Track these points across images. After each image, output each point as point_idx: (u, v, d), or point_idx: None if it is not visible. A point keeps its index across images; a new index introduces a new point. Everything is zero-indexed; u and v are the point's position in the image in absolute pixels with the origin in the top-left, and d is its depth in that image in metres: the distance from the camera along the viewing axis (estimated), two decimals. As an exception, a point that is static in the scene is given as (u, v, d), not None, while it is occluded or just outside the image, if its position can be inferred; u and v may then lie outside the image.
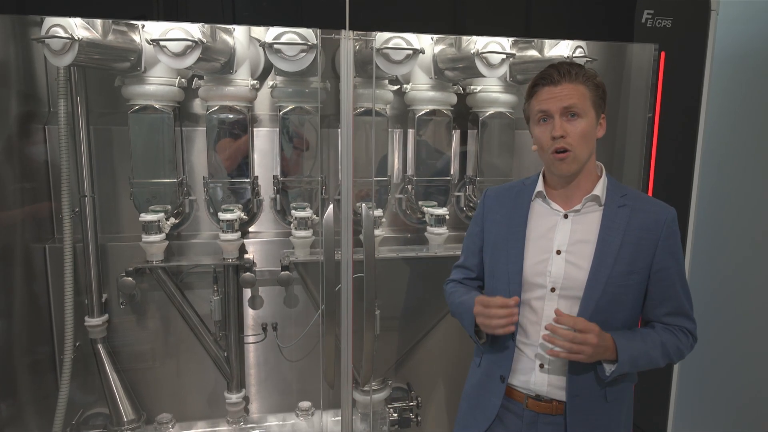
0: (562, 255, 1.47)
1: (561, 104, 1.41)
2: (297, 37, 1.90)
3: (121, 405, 2.24)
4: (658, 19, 1.94)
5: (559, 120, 1.41)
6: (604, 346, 1.39)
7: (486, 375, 1.59)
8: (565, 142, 1.41)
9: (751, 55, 2.50)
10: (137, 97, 2.09)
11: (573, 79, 1.42)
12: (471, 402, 1.64)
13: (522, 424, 1.52)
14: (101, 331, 2.23)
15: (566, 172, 1.45)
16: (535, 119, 1.47)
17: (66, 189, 2.08)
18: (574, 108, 1.41)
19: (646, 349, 1.45)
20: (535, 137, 1.49)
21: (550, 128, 1.43)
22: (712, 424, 2.72)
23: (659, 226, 1.46)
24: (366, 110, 2.19)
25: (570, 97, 1.41)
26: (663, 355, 1.47)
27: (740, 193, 2.59)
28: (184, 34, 1.78)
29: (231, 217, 2.17)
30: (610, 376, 1.43)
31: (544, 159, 1.49)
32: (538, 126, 1.46)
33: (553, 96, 1.42)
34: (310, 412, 2.40)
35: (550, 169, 1.50)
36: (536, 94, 1.46)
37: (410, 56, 1.96)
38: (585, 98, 1.42)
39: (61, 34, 1.69)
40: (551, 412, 1.49)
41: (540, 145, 1.47)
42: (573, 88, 1.41)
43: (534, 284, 1.49)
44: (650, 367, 1.47)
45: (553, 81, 1.42)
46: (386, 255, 2.30)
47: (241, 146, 2.24)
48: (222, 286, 2.28)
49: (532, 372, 1.50)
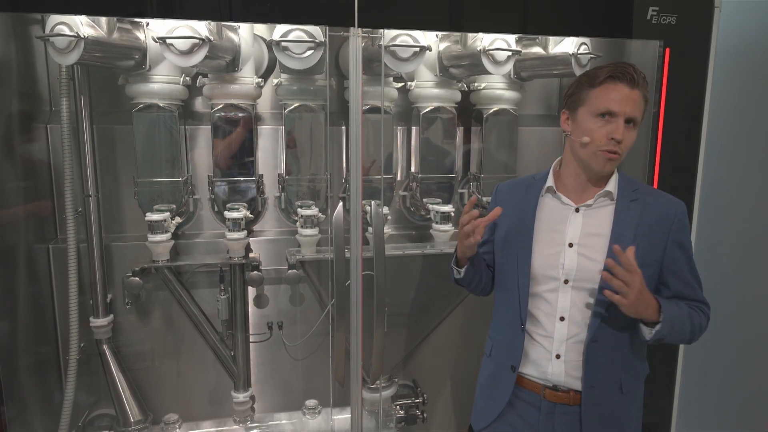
0: (575, 248, 1.49)
1: (633, 110, 1.41)
2: (304, 35, 1.89)
3: (127, 405, 2.22)
4: (663, 15, 1.95)
5: (624, 125, 1.41)
6: (646, 300, 1.39)
7: (497, 365, 1.63)
8: (619, 146, 1.42)
9: (751, 48, 2.52)
10: (141, 96, 2.07)
11: (641, 88, 1.43)
12: (485, 393, 1.67)
13: (539, 415, 1.54)
14: (106, 331, 2.21)
15: (609, 170, 1.49)
16: (594, 111, 1.43)
17: (69, 189, 2.06)
18: (637, 117, 1.42)
19: (682, 316, 1.47)
20: (587, 130, 1.44)
21: (610, 128, 1.41)
22: (715, 423, 2.74)
23: (670, 220, 1.49)
24: (371, 108, 2.19)
25: (640, 105, 1.43)
26: (691, 327, 1.49)
27: (745, 187, 2.60)
28: (190, 32, 1.77)
29: (237, 215, 2.16)
30: (653, 338, 1.43)
31: (587, 152, 1.46)
32: (596, 120, 1.43)
33: (627, 98, 1.41)
34: (316, 410, 2.40)
35: (589, 164, 1.48)
36: (606, 86, 1.42)
37: (417, 53, 1.96)
38: (642, 111, 1.45)
39: (67, 32, 1.67)
40: (568, 403, 1.51)
41: (594, 139, 1.43)
42: (641, 97, 1.43)
43: (547, 276, 1.51)
44: (680, 338, 1.49)
45: (633, 82, 1.41)
46: (392, 252, 2.30)
47: (246, 144, 2.23)
48: (228, 285, 2.27)
49: (549, 362, 1.52)
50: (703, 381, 2.78)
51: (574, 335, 1.50)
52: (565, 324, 1.51)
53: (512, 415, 1.59)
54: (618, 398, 1.52)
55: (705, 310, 1.54)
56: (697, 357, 2.53)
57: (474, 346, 2.20)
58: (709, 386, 2.77)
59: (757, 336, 2.52)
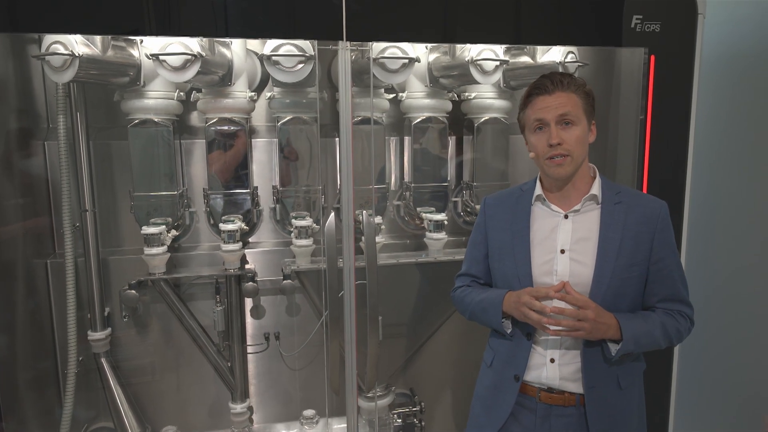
0: (567, 254, 1.52)
1: (556, 112, 1.47)
2: (295, 49, 1.93)
3: (125, 418, 2.24)
4: (647, 23, 1.98)
5: (555, 128, 1.47)
6: (606, 324, 1.45)
7: (499, 375, 1.63)
8: (562, 148, 1.47)
9: (738, 56, 2.55)
10: (136, 111, 2.11)
11: (565, 89, 1.48)
12: (485, 403, 1.66)
13: (535, 418, 1.56)
14: (104, 345, 2.23)
15: (563, 175, 1.51)
16: (531, 128, 1.53)
17: (66, 204, 2.09)
18: (568, 116, 1.47)
19: (648, 329, 1.50)
20: (531, 145, 1.55)
21: (546, 136, 1.49)
22: (711, 424, 2.74)
23: (655, 219, 1.53)
24: (363, 119, 2.22)
25: (564, 106, 1.47)
26: (664, 336, 1.52)
27: (732, 192, 2.63)
28: (183, 48, 1.81)
29: (232, 227, 2.19)
30: (617, 355, 1.48)
31: (541, 165, 1.55)
32: (534, 134, 1.52)
33: (547, 105, 1.48)
34: (314, 420, 2.41)
35: (546, 174, 1.55)
36: (531, 103, 1.52)
37: (406, 65, 1.99)
38: (578, 106, 1.49)
39: (62, 50, 1.71)
40: (564, 404, 1.53)
41: (536, 152, 1.53)
42: (566, 96, 1.48)
43: (542, 284, 1.54)
44: (653, 347, 1.53)
45: (547, 90, 1.48)
46: (386, 261, 2.32)
47: (240, 157, 2.26)
48: (224, 296, 2.29)
49: (544, 367, 1.55)
50: (699, 383, 2.78)
51: (568, 339, 1.52)
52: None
53: (513, 424, 1.60)
54: (617, 394, 1.54)
55: (686, 313, 1.56)
56: (692, 359, 2.53)
57: (472, 354, 2.21)
58: (704, 388, 2.78)
59: (751, 338, 2.52)
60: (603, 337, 1.47)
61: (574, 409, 1.53)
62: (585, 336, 1.45)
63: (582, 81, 1.52)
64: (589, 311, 1.43)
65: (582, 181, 1.56)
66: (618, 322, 1.47)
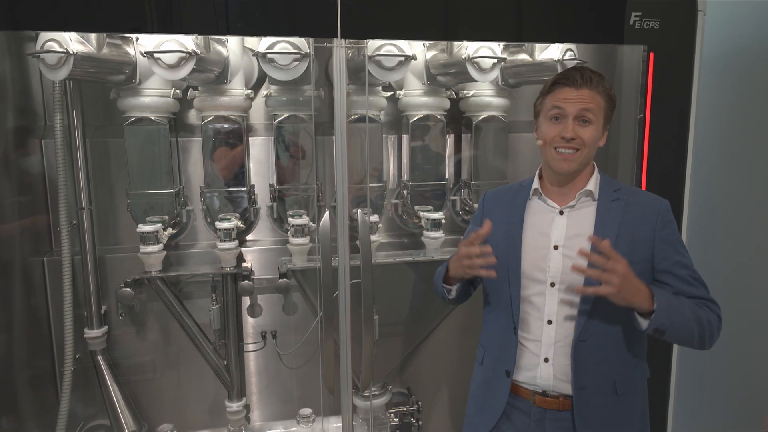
0: (560, 250, 1.50)
1: (579, 107, 1.44)
2: (290, 47, 1.92)
3: (122, 416, 2.24)
4: (646, 20, 1.96)
5: (572, 122, 1.45)
6: (635, 286, 1.37)
7: (491, 371, 1.61)
8: (575, 143, 1.45)
9: (738, 55, 2.53)
10: (133, 109, 2.10)
11: (593, 87, 1.46)
12: (478, 402, 1.65)
13: (530, 422, 1.53)
14: (101, 342, 2.23)
15: (567, 170, 1.49)
16: (547, 115, 1.49)
17: (63, 202, 2.09)
18: (588, 114, 1.45)
19: (681, 306, 1.42)
20: (541, 131, 1.51)
21: (560, 128, 1.46)
22: (711, 424, 2.72)
23: (653, 217, 1.49)
24: (360, 117, 2.21)
25: (587, 102, 1.45)
26: (696, 321, 1.43)
27: (732, 191, 2.61)
28: (177, 46, 1.80)
29: (228, 226, 2.18)
30: (649, 328, 1.39)
31: (546, 154, 1.51)
32: (549, 122, 1.49)
33: (572, 98, 1.45)
34: (311, 418, 2.40)
35: (550, 166, 1.52)
36: (555, 91, 1.48)
37: (402, 62, 1.98)
38: (599, 107, 1.47)
39: (56, 48, 1.70)
40: (558, 408, 1.50)
41: (545, 139, 1.49)
42: (591, 95, 1.46)
43: (534, 280, 1.52)
44: (685, 332, 1.42)
45: (576, 84, 1.45)
46: (383, 260, 2.31)
47: (237, 155, 2.25)
48: (220, 294, 2.29)
49: (537, 367, 1.52)
50: (698, 384, 2.76)
51: (562, 338, 1.50)
52: (552, 327, 1.51)
53: (505, 424, 1.59)
54: (613, 400, 1.50)
55: (714, 308, 1.48)
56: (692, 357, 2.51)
57: (468, 353, 2.19)
58: (703, 389, 2.76)
59: (751, 339, 2.50)
60: (631, 303, 1.38)
61: (570, 414, 1.49)
62: (613, 292, 1.35)
63: (609, 85, 1.49)
64: (620, 263, 1.35)
65: (582, 178, 1.54)
66: (649, 289, 1.39)
